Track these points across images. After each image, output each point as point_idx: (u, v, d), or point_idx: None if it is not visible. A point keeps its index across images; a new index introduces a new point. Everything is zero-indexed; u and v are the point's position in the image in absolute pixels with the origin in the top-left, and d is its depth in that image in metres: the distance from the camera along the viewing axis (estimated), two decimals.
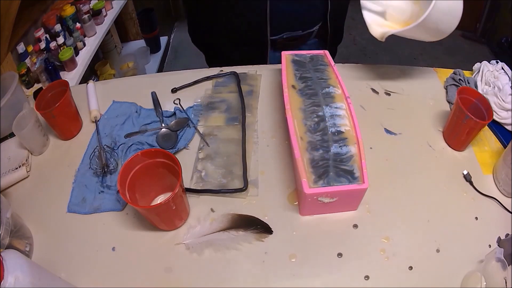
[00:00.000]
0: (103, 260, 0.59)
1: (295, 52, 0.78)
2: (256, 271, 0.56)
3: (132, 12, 2.22)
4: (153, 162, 0.59)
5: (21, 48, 1.30)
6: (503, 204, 0.63)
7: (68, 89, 0.74)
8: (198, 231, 0.60)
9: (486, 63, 0.83)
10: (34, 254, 0.60)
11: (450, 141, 0.72)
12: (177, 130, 0.75)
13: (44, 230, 0.62)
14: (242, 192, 0.65)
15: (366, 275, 0.56)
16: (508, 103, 0.74)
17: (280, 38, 0.92)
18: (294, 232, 0.61)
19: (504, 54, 2.21)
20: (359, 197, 0.60)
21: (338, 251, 0.58)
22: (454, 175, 0.68)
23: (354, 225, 0.61)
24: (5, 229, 0.54)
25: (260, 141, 0.73)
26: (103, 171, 0.68)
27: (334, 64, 0.75)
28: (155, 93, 0.83)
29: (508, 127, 0.75)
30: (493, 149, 0.72)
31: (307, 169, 0.58)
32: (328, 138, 0.61)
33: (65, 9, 1.55)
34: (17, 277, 0.43)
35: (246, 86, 0.84)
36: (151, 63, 2.26)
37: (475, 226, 0.61)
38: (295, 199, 0.64)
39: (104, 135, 0.75)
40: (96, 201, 0.65)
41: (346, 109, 0.66)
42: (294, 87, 0.70)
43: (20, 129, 0.68)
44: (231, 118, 0.77)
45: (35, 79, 1.36)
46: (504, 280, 0.48)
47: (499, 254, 0.50)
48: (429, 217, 0.62)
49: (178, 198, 0.56)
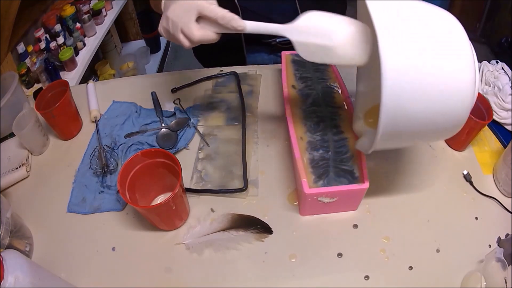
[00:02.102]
0: (103, 260, 0.59)
1: (295, 52, 0.78)
2: (256, 271, 0.56)
3: (132, 12, 2.22)
4: (153, 162, 0.59)
5: (21, 48, 1.30)
6: (503, 204, 0.63)
7: (68, 89, 0.74)
8: (198, 231, 0.60)
9: (486, 63, 0.83)
10: (34, 254, 0.60)
11: (450, 141, 0.72)
12: (177, 130, 0.75)
13: (44, 230, 0.62)
14: (242, 192, 0.65)
15: (366, 275, 0.56)
16: (508, 103, 0.74)
17: (273, 41, 0.91)
18: (294, 232, 0.61)
19: (504, 54, 2.20)
20: (359, 197, 0.60)
21: (338, 251, 0.58)
22: (454, 175, 0.68)
23: (354, 225, 0.61)
24: (5, 229, 0.54)
25: (260, 141, 0.73)
26: (103, 171, 0.68)
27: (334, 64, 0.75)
28: (155, 93, 0.83)
29: (508, 127, 0.75)
30: (493, 149, 0.72)
31: (307, 169, 0.58)
32: (328, 138, 0.61)
33: (65, 9, 1.55)
34: (17, 277, 0.43)
35: (246, 86, 0.84)
36: (151, 63, 2.26)
37: (475, 226, 0.61)
38: (295, 199, 0.64)
39: (104, 135, 0.75)
40: (96, 201, 0.65)
41: (346, 109, 0.66)
42: (294, 87, 0.70)
43: (20, 129, 0.68)
44: (231, 118, 0.77)
45: (35, 79, 1.36)
46: (504, 280, 0.48)
47: (499, 254, 0.50)
48: (429, 217, 0.62)
49: (178, 198, 0.56)
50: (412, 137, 0.47)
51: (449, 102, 0.42)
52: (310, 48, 0.51)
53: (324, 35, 0.50)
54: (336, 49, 0.50)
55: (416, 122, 0.43)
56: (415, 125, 0.44)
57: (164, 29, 0.53)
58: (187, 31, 0.50)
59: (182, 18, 0.50)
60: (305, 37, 0.51)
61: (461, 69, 0.42)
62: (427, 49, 0.42)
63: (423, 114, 0.42)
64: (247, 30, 0.51)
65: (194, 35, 0.50)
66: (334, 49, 0.50)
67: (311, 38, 0.50)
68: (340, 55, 0.50)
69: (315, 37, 0.50)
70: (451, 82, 0.42)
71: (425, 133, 0.46)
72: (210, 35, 0.51)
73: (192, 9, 0.49)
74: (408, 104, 0.41)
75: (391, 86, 0.40)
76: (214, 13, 0.49)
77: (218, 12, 0.49)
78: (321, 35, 0.50)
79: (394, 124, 0.43)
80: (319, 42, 0.50)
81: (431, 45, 0.42)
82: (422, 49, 0.41)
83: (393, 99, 0.40)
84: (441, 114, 0.43)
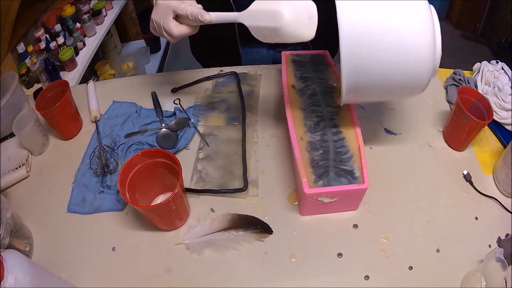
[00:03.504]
0: (103, 260, 0.59)
1: (295, 52, 0.78)
2: (256, 271, 0.56)
3: (132, 12, 2.22)
4: (153, 162, 0.59)
5: (21, 48, 1.30)
6: (503, 204, 0.63)
7: (68, 89, 0.74)
8: (198, 231, 0.60)
9: (486, 63, 0.83)
10: (34, 254, 0.60)
11: (450, 141, 0.72)
12: (177, 130, 0.75)
13: (44, 230, 0.62)
14: (242, 192, 0.65)
15: (366, 275, 0.56)
16: (508, 103, 0.74)
17: None
18: (294, 232, 0.61)
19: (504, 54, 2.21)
20: (359, 197, 0.60)
21: (338, 251, 0.58)
22: (454, 175, 0.68)
23: (354, 225, 0.61)
24: (5, 229, 0.54)
25: (260, 141, 0.73)
26: (103, 171, 0.68)
27: (334, 64, 0.75)
28: (155, 93, 0.83)
29: (508, 127, 0.75)
30: (493, 149, 0.72)
31: (307, 169, 0.58)
32: (328, 138, 0.61)
33: (65, 9, 1.55)
34: (17, 277, 0.43)
35: (246, 86, 0.84)
36: (151, 63, 2.26)
37: (475, 226, 0.61)
38: (295, 199, 0.64)
39: (104, 135, 0.75)
40: (96, 201, 0.65)
41: (346, 109, 0.66)
42: (294, 87, 0.70)
43: (20, 129, 0.68)
44: (231, 118, 0.77)
45: (35, 79, 1.36)
46: (504, 280, 0.48)
47: (499, 254, 0.50)
48: (429, 217, 0.62)
49: (178, 198, 0.56)
50: (377, 90, 0.51)
51: (406, 54, 0.46)
52: (262, 31, 0.57)
53: (271, 17, 0.55)
54: (283, 29, 0.55)
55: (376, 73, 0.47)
56: (375, 77, 0.48)
57: (153, 29, 0.63)
58: (167, 29, 0.59)
59: (162, 18, 0.60)
60: (256, 21, 0.57)
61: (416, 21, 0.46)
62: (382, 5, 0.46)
63: (381, 66, 0.47)
64: (212, 20, 0.58)
65: (172, 32, 0.59)
66: (281, 29, 0.55)
67: (261, 22, 0.56)
68: (288, 33, 0.55)
69: (264, 21, 0.56)
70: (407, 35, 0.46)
71: (388, 86, 0.50)
72: (186, 29, 0.60)
73: (168, 10, 0.59)
74: (365, 55, 0.46)
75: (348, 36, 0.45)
76: (184, 11, 0.57)
77: (188, 10, 0.57)
78: (268, 18, 0.55)
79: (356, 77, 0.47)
80: (267, 25, 0.56)
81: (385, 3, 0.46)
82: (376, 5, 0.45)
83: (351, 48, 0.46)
84: (398, 65, 0.47)
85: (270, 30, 0.56)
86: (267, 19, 0.56)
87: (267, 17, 0.56)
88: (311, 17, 0.53)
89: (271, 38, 0.57)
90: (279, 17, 0.54)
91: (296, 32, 0.55)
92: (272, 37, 0.57)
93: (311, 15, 0.53)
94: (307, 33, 0.54)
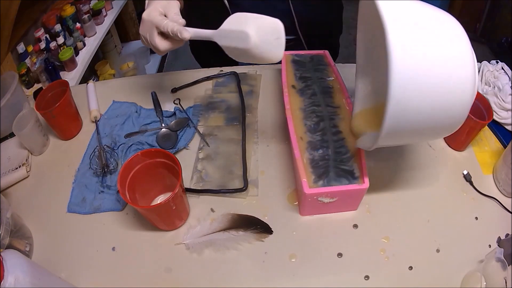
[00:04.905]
0: (103, 260, 0.59)
1: (295, 52, 0.78)
2: (256, 271, 0.56)
3: (132, 12, 2.21)
4: (153, 162, 0.59)
5: (21, 48, 1.30)
6: (503, 204, 0.63)
7: (68, 89, 0.74)
8: (198, 231, 0.60)
9: (486, 63, 0.83)
10: (34, 254, 0.60)
11: (450, 141, 0.72)
12: (177, 130, 0.75)
13: (44, 230, 0.62)
14: (242, 192, 0.65)
15: (366, 275, 0.56)
16: (508, 103, 0.74)
17: None
18: (294, 232, 0.61)
19: (504, 54, 2.21)
20: (359, 197, 0.60)
21: (338, 251, 0.58)
22: (454, 175, 0.68)
23: (354, 225, 0.61)
24: (5, 229, 0.54)
25: (260, 141, 0.73)
26: (103, 171, 0.68)
27: (334, 64, 0.75)
28: (155, 93, 0.83)
29: (508, 127, 0.75)
30: (493, 149, 0.72)
31: (307, 169, 0.58)
32: (328, 138, 0.61)
33: (65, 9, 1.55)
34: (17, 277, 0.43)
35: (246, 86, 0.84)
36: (151, 63, 2.26)
37: (475, 226, 0.61)
38: (295, 199, 0.64)
39: (104, 135, 0.75)
40: (96, 201, 0.65)
41: (346, 109, 0.66)
42: (294, 87, 0.70)
43: (20, 129, 0.68)
44: (231, 118, 0.77)
45: (35, 79, 1.36)
46: (504, 280, 0.48)
47: (499, 254, 0.50)
48: (429, 217, 0.62)
49: (178, 198, 0.56)
50: (413, 135, 0.48)
51: (450, 102, 0.43)
52: (234, 51, 0.57)
53: (238, 38, 0.54)
54: (251, 51, 0.54)
55: (418, 121, 0.44)
56: (416, 125, 0.44)
57: (143, 42, 0.64)
58: (153, 44, 0.61)
59: (147, 33, 0.61)
60: (228, 41, 0.57)
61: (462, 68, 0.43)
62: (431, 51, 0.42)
63: (424, 114, 0.43)
64: (192, 37, 0.58)
65: (158, 47, 0.61)
66: (250, 50, 0.54)
67: (232, 42, 0.56)
68: (256, 55, 0.54)
69: (235, 41, 0.56)
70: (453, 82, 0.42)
71: (425, 131, 0.47)
72: (170, 45, 0.61)
73: (152, 27, 0.59)
74: (411, 105, 0.41)
75: (397, 88, 0.40)
76: (165, 28, 0.58)
77: (169, 27, 0.58)
78: (237, 38, 0.55)
79: (397, 123, 0.43)
80: (237, 46, 0.55)
81: (434, 48, 0.42)
82: (426, 51, 0.41)
83: (399, 101, 0.40)
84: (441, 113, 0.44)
85: (240, 50, 0.56)
86: (236, 40, 0.55)
87: (236, 38, 0.55)
88: (278, 38, 0.52)
89: (243, 58, 0.57)
90: (246, 39, 0.54)
91: (263, 53, 0.54)
92: (244, 57, 0.57)
93: (279, 35, 0.52)
94: (275, 55, 0.54)
